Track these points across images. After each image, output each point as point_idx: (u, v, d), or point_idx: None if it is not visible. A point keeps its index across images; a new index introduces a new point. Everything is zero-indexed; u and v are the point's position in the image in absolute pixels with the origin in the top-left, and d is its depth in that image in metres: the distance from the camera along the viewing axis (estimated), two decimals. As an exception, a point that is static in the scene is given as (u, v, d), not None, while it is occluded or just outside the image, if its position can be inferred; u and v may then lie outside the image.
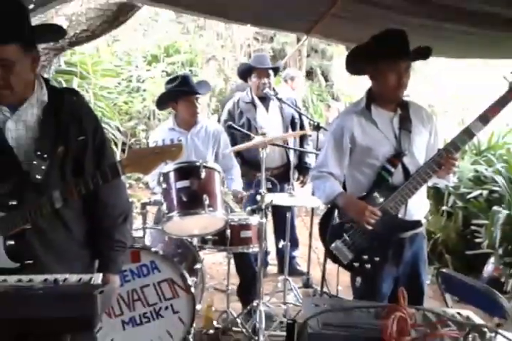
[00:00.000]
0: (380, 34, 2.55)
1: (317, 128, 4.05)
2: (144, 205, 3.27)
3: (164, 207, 3.06)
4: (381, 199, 2.58)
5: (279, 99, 4.40)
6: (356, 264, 2.61)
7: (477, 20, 3.05)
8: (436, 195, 4.93)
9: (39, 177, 1.93)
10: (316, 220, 2.90)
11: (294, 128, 4.44)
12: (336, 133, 2.70)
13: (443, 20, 3.24)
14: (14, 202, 1.91)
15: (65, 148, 1.98)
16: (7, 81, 1.89)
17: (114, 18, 4.20)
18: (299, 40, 11.91)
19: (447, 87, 11.05)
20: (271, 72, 4.35)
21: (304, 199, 3.77)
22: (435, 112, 9.11)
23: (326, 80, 13.30)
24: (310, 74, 13.76)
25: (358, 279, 2.66)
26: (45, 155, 1.94)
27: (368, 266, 2.59)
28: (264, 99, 4.40)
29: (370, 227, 2.55)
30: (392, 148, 2.63)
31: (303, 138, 4.61)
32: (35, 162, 1.94)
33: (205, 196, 3.01)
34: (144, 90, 8.00)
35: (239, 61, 8.69)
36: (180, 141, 1.96)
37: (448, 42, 3.72)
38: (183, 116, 3.78)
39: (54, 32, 2.08)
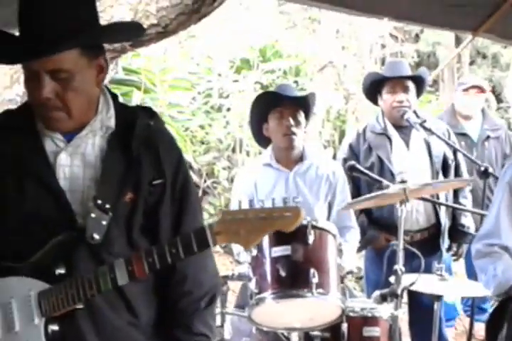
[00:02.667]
0: None
1: (484, 174, 3.97)
2: (224, 280, 3.31)
3: (253, 284, 3.09)
4: None
5: (428, 130, 4.37)
6: None
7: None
8: None
9: (97, 236, 1.98)
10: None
11: (446, 174, 4.37)
12: (512, 184, 2.65)
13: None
14: (62, 271, 1.98)
15: (135, 196, 2.04)
16: (64, 100, 1.97)
17: (194, 9, 4.36)
18: (458, 39, 11.89)
19: None
20: (410, 84, 4.32)
21: (462, 286, 3.67)
22: None
23: (499, 100, 13.06)
24: (474, 91, 13.58)
25: None
26: (107, 206, 1.99)
27: None
28: (403, 129, 4.38)
29: None
30: None
31: (457, 189, 4.51)
32: (93, 215, 1.99)
33: (313, 271, 3.01)
34: (228, 109, 8.22)
35: (367, 70, 8.74)
36: (297, 200, 1.97)
37: None
38: (276, 142, 3.87)
39: (130, 32, 2.18)
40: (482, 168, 4.07)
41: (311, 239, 3.10)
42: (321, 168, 3.91)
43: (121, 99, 2.24)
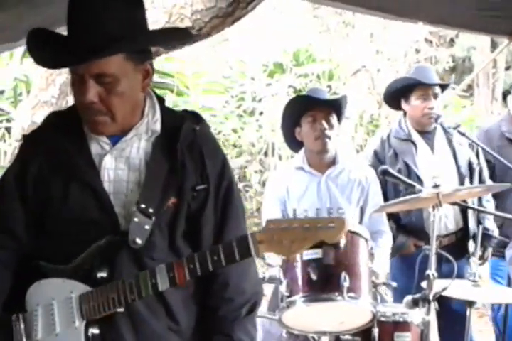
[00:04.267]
0: None
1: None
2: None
3: (284, 286, 3.10)
4: None
5: (462, 134, 4.35)
6: None
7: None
8: None
9: (139, 241, 1.98)
10: None
11: (472, 179, 4.33)
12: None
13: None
14: (104, 274, 1.99)
15: (178, 201, 2.03)
16: (108, 104, 1.97)
17: (228, 12, 4.38)
18: (494, 44, 11.79)
19: None
20: (439, 91, 4.30)
21: (496, 292, 3.64)
22: None
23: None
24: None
25: None
26: (151, 210, 1.99)
27: None
28: (427, 134, 4.35)
29: None
30: None
31: None
32: (136, 219, 1.99)
33: (344, 274, 3.01)
34: (261, 113, 8.25)
35: (400, 74, 8.71)
36: (342, 212, 1.97)
37: None
38: (309, 145, 3.87)
39: (178, 38, 2.20)
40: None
41: (342, 242, 3.07)
42: (354, 172, 3.91)
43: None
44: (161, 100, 2.16)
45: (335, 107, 3.83)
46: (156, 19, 4.29)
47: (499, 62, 12.39)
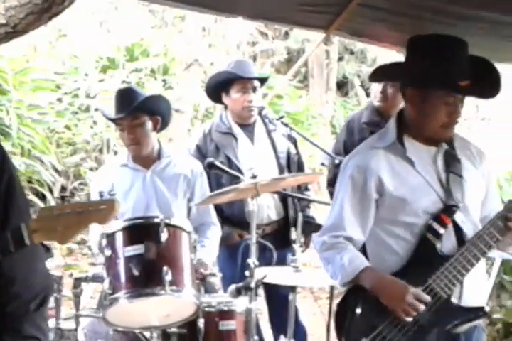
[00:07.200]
0: (438, 47, 2.64)
1: (338, 167, 4.09)
2: (77, 282, 3.29)
3: (106, 284, 3.08)
4: (426, 276, 2.62)
5: (285, 125, 4.49)
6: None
7: None
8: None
9: None
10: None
11: (291, 168, 4.48)
12: (355, 177, 2.74)
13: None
14: None
15: None
16: None
17: (44, 9, 4.29)
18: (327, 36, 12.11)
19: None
20: (258, 84, 4.40)
21: (316, 276, 3.77)
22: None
23: (368, 95, 13.46)
24: (343, 86, 13.97)
25: None
26: None
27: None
28: (248, 127, 4.44)
29: (410, 319, 2.57)
30: (439, 199, 2.68)
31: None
32: None
33: (166, 268, 3.04)
34: (96, 110, 8.14)
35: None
36: (112, 193, 2.02)
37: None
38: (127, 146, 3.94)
39: None
40: (337, 161, 4.18)
41: (163, 236, 3.12)
42: (179, 166, 3.94)
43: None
44: None
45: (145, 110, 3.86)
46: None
47: (332, 54, 12.76)
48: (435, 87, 2.61)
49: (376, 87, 4.46)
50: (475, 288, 2.70)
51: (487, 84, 2.67)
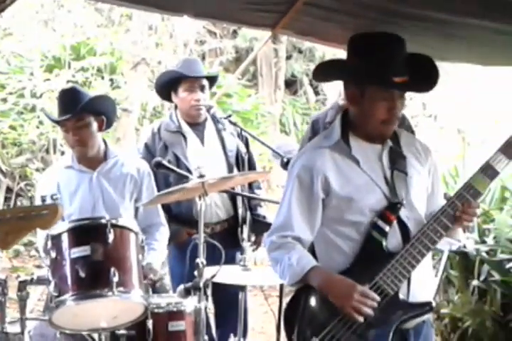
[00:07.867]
0: (373, 45, 2.66)
1: (287, 166, 4.10)
2: (22, 285, 3.24)
3: (52, 286, 3.05)
4: (373, 274, 2.64)
5: (234, 124, 4.49)
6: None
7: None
8: (464, 264, 4.97)
9: None
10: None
11: (240, 167, 4.49)
12: (302, 177, 2.75)
13: (465, 15, 3.40)
14: None
15: None
16: None
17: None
18: (275, 34, 12.14)
19: (486, 107, 11.33)
20: (206, 83, 4.41)
21: (266, 274, 3.77)
22: (469, 142, 9.32)
23: (316, 93, 13.54)
24: (292, 85, 14.02)
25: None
26: None
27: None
28: (197, 126, 4.44)
29: (360, 318, 2.58)
30: (383, 196, 2.71)
31: (251, 181, 4.63)
32: None
33: (113, 270, 3.03)
34: (42, 110, 8.03)
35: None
36: (55, 198, 2.00)
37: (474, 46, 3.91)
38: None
39: None
40: (285, 160, 4.19)
41: (110, 237, 3.10)
42: (126, 166, 3.91)
43: None
44: None
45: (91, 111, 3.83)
46: None
47: (280, 52, 12.79)
48: (371, 83, 2.64)
49: (341, 86, 4.49)
50: (422, 283, 2.73)
51: (423, 79, 2.70)
